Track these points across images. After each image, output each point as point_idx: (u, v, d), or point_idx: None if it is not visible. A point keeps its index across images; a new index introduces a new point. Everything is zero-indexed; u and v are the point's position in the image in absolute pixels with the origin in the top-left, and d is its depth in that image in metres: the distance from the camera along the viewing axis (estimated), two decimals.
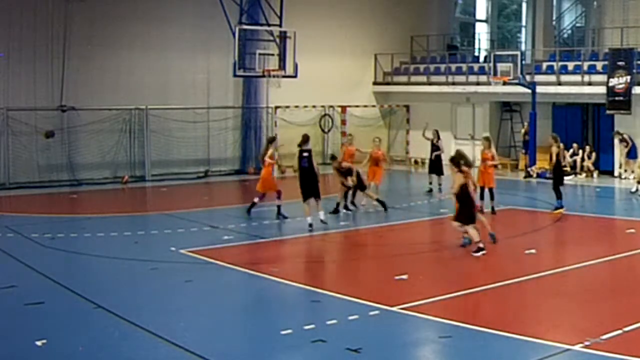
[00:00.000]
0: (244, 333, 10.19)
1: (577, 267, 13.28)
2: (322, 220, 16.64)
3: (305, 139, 17.04)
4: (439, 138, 23.13)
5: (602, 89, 25.93)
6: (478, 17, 37.23)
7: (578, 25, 33.45)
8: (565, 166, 23.05)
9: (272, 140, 18.97)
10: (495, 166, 19.52)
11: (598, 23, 30.15)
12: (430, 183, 22.73)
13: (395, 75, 32.64)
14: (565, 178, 20.66)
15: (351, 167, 18.53)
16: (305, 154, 16.75)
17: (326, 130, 30.92)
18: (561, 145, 19.89)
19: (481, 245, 13.94)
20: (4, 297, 11.44)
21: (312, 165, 16.65)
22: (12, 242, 15.51)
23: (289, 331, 9.68)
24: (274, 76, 24.50)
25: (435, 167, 22.71)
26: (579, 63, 27.32)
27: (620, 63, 25.61)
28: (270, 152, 18.21)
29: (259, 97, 29.04)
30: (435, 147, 22.93)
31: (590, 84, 26.72)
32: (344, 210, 18.69)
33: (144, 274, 13.54)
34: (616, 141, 25.98)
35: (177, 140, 26.94)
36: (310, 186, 16.56)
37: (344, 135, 30.75)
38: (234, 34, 23.17)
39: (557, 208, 18.76)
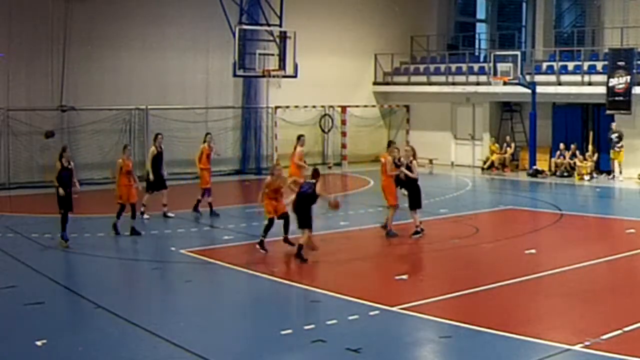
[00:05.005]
0: (244, 333, 10.20)
1: (577, 267, 13.28)
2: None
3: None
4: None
5: (602, 89, 25.91)
6: (478, 17, 37.20)
7: (578, 25, 33.39)
8: None
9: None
10: None
11: (598, 23, 30.13)
12: None
13: (395, 75, 32.63)
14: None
15: None
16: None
17: (326, 130, 30.92)
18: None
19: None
20: (4, 297, 11.45)
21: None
22: (12, 242, 15.52)
23: (289, 331, 9.68)
24: (274, 76, 24.52)
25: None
26: (579, 63, 27.30)
27: (620, 63, 25.60)
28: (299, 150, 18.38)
29: (259, 97, 29.04)
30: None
31: (590, 84, 26.71)
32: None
33: (144, 274, 13.56)
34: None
35: (177, 140, 26.91)
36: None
37: (344, 135, 30.82)
38: (234, 34, 23.18)
39: None
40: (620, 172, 25.64)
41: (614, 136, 25.57)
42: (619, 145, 25.51)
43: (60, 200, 15.07)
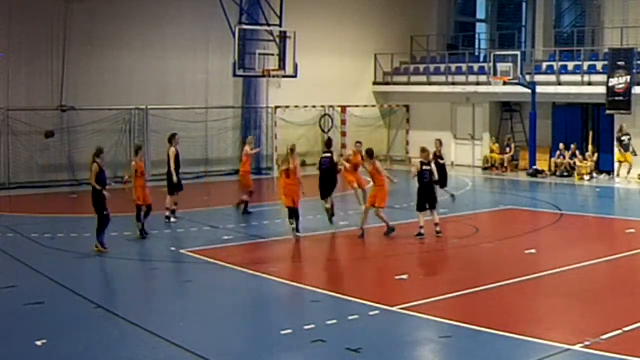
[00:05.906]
0: (244, 333, 10.19)
1: (577, 267, 13.28)
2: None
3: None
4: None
5: (602, 89, 25.90)
6: (478, 17, 37.21)
7: (578, 25, 33.40)
8: None
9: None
10: None
11: (598, 23, 30.13)
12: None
13: (395, 75, 32.62)
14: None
15: None
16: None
17: (326, 130, 30.90)
18: None
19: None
20: (4, 297, 11.45)
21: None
22: (12, 242, 15.52)
23: (289, 331, 9.68)
24: (274, 76, 24.50)
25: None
26: (579, 63, 27.30)
27: (620, 63, 25.59)
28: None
29: (259, 97, 29.03)
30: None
31: (590, 84, 26.70)
32: None
33: (144, 274, 13.57)
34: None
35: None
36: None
37: (344, 135, 30.80)
38: (234, 34, 23.16)
39: None
40: (620, 173, 25.60)
41: (626, 138, 25.41)
42: (633, 146, 25.35)
43: (101, 202, 14.63)
